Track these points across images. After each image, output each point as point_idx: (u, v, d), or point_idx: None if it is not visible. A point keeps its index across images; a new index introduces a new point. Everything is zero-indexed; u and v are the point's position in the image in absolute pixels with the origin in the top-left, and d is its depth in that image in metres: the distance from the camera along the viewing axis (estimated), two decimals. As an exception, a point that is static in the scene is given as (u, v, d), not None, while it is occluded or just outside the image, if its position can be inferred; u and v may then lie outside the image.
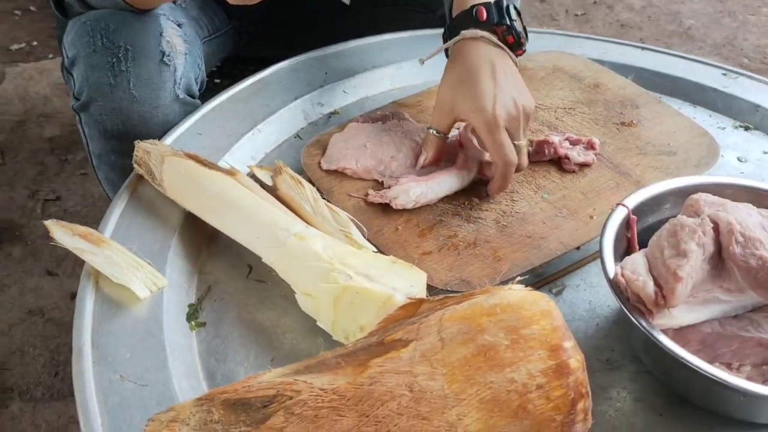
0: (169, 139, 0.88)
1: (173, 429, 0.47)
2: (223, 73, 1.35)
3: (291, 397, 0.47)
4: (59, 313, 1.30)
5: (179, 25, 0.99)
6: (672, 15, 2.57)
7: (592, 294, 0.77)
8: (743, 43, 2.39)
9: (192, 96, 0.99)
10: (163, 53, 0.93)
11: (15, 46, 2.03)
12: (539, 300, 0.49)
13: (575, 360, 0.47)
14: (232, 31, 1.24)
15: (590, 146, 0.88)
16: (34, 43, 2.05)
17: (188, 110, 0.96)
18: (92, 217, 1.47)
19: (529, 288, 0.51)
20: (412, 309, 0.53)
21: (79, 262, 1.38)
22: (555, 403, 0.46)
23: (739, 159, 0.95)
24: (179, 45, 0.96)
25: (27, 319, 1.28)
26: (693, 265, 0.62)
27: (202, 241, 0.80)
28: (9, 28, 2.13)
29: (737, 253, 0.63)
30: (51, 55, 1.97)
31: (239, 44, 1.28)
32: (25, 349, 1.23)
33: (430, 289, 0.70)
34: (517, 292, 0.49)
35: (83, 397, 0.62)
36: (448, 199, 0.81)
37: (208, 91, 1.27)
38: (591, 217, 0.80)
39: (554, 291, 0.76)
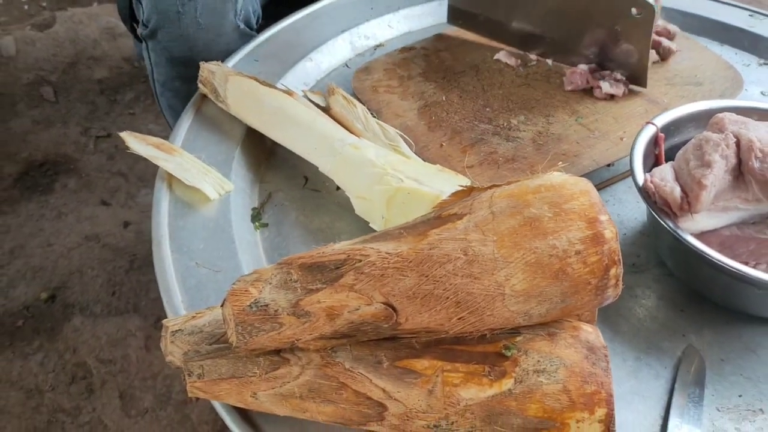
0: (229, 65, 0.95)
1: (258, 287, 0.54)
2: (267, 14, 1.41)
3: (360, 260, 0.53)
4: (114, 240, 1.38)
5: None
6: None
7: (620, 208, 0.83)
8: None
9: (250, 27, 1.05)
10: None
11: (60, -5, 2.10)
12: (579, 181, 0.55)
13: (609, 231, 0.53)
14: (276, -27, 1.29)
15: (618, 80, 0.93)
16: (80, -10, 2.13)
17: (246, 40, 1.03)
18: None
19: (569, 174, 0.57)
20: (463, 195, 0.60)
21: (130, 195, 1.48)
22: (591, 267, 0.52)
23: (762, 93, 1.00)
24: None
25: (84, 243, 1.37)
26: (716, 175, 0.68)
27: (262, 154, 0.87)
28: (53, -24, 2.21)
29: (756, 168, 0.68)
30: (96, 3, 2.04)
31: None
32: (83, 270, 1.32)
33: (473, 196, 0.77)
34: (559, 175, 0.56)
35: (164, 279, 0.69)
36: (488, 120, 0.88)
37: (256, 31, 1.34)
38: (621, 139, 0.85)
39: (586, 204, 0.82)
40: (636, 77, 0.93)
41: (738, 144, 0.70)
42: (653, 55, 0.98)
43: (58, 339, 1.21)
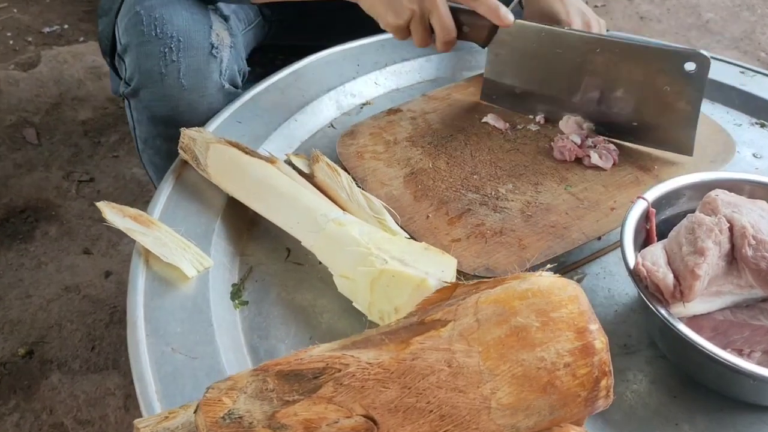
0: (212, 127, 0.93)
1: (232, 396, 0.52)
2: (253, 61, 1.39)
3: (340, 370, 0.51)
4: (94, 290, 1.36)
5: (225, 19, 1.03)
6: (691, 8, 2.59)
7: (611, 282, 0.81)
8: (761, 37, 2.41)
9: (235, 86, 1.04)
10: (212, 45, 0.98)
11: (47, 29, 2.09)
12: (567, 286, 0.53)
13: (600, 341, 0.51)
14: (261, 22, 1.28)
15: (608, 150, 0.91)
16: (66, 26, 2.11)
17: (231, 99, 1.02)
18: (124, 199, 1.52)
19: (557, 275, 0.55)
20: (448, 292, 0.58)
21: (112, 243, 1.45)
22: (580, 380, 0.50)
23: (754, 155, 0.99)
24: (226, 38, 1.01)
25: (64, 295, 1.34)
26: (709, 263, 0.66)
27: (244, 224, 0.84)
28: (41, 11, 2.19)
29: (749, 256, 0.67)
30: (82, 38, 2.02)
31: (269, 33, 1.33)
32: (62, 323, 1.29)
33: (459, 274, 0.75)
34: (547, 278, 0.54)
35: (139, 367, 0.66)
36: (475, 188, 0.86)
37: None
38: (612, 209, 0.84)
39: (575, 279, 0.80)
40: (681, 145, 0.91)
41: (731, 229, 0.68)
42: None
43: (34, 398, 1.18)
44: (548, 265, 0.57)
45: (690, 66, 0.86)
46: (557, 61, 0.95)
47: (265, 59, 1.42)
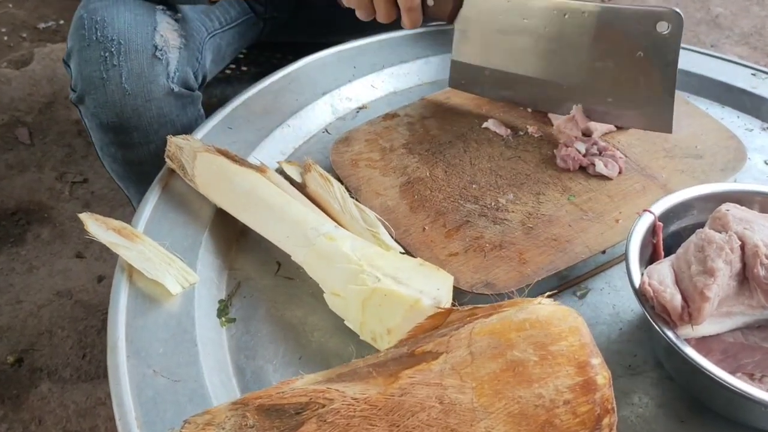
0: (200, 134, 0.89)
1: (209, 432, 0.49)
2: (249, 60, 1.36)
3: (324, 405, 0.48)
4: (87, 296, 1.33)
5: (177, 20, 0.99)
6: (700, 2, 2.54)
7: (616, 298, 0.77)
8: (772, 33, 2.36)
9: (190, 89, 0.99)
10: (156, 47, 0.94)
11: (42, 25, 2.05)
12: (568, 316, 0.50)
13: (602, 377, 0.48)
14: (252, 20, 1.24)
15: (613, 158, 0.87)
16: (62, 21, 2.07)
17: (186, 102, 0.98)
18: (118, 201, 1.49)
19: (557, 302, 0.52)
20: (441, 318, 0.54)
21: (106, 246, 1.41)
22: (581, 418, 0.47)
23: (766, 162, 0.95)
24: (173, 39, 0.97)
25: (55, 300, 1.31)
26: (720, 284, 0.62)
27: (232, 237, 0.81)
28: (36, 6, 2.15)
29: (761, 276, 0.63)
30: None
31: (264, 31, 1.29)
32: (53, 330, 1.26)
33: (456, 290, 0.71)
34: (546, 306, 0.50)
35: (118, 392, 0.63)
36: (474, 199, 0.82)
37: (235, 80, 1.29)
38: (617, 221, 0.80)
39: (578, 294, 0.77)
40: (659, 121, 0.86)
41: (743, 247, 0.64)
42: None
43: (23, 408, 1.15)
44: (547, 293, 0.53)
45: (662, 27, 0.81)
46: (525, 33, 0.90)
47: (261, 58, 1.38)
